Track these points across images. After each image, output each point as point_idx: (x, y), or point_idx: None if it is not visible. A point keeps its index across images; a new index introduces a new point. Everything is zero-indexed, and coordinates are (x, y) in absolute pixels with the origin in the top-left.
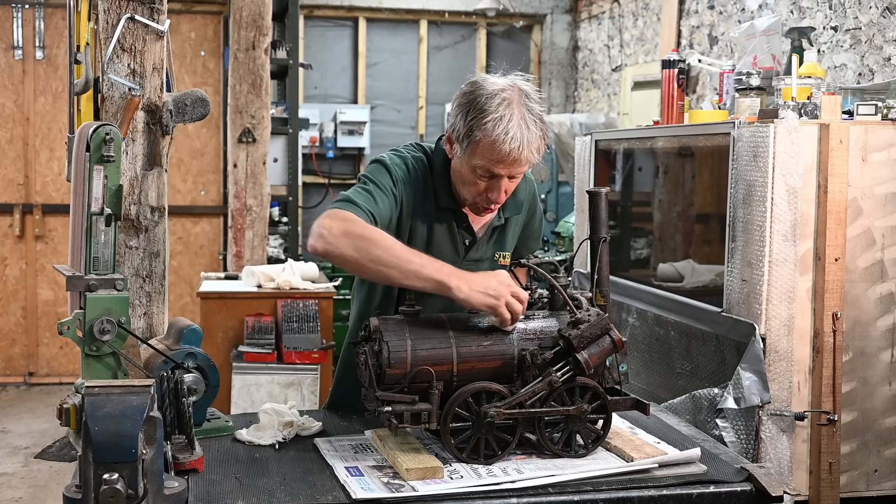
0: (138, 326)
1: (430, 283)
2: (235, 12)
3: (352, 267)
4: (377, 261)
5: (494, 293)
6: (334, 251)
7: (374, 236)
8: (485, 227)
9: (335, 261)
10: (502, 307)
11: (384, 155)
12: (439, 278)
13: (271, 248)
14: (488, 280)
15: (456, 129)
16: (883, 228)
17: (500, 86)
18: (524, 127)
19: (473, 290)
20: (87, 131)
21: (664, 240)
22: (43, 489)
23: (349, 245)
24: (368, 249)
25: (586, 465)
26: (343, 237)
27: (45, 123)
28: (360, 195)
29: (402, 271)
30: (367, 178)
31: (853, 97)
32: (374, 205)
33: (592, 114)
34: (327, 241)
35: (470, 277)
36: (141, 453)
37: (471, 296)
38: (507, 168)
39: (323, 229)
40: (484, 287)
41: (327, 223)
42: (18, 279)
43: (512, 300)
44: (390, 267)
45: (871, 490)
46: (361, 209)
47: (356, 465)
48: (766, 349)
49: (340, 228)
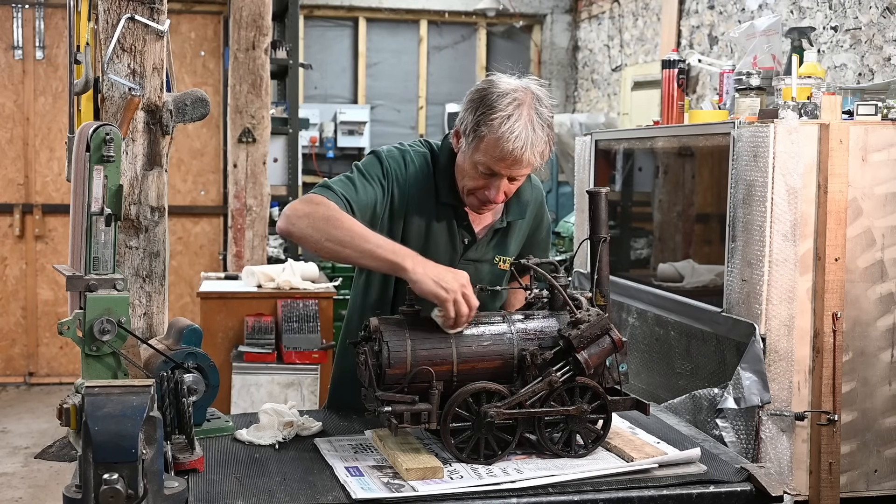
0: (138, 326)
1: (385, 264)
2: (235, 12)
3: (313, 247)
4: (335, 240)
5: (446, 286)
6: (296, 231)
7: (336, 216)
8: (486, 229)
9: (298, 241)
10: (449, 303)
11: (383, 147)
12: (394, 259)
13: (271, 248)
14: (445, 273)
15: (464, 123)
16: (883, 228)
17: (514, 86)
18: (530, 129)
19: (427, 275)
20: (87, 131)
21: (664, 240)
22: (43, 489)
23: (309, 226)
24: (327, 230)
25: (586, 465)
26: (305, 218)
27: (45, 123)
28: (340, 182)
29: (357, 250)
30: (356, 166)
31: (853, 97)
32: (353, 192)
33: (592, 114)
34: (290, 222)
35: (428, 265)
36: (141, 453)
37: (423, 280)
38: (507, 167)
39: (290, 210)
40: (438, 277)
41: (295, 205)
42: (18, 279)
43: (460, 299)
44: (346, 246)
45: (871, 490)
46: (336, 194)
47: (356, 465)
48: (766, 349)
49: (305, 210)
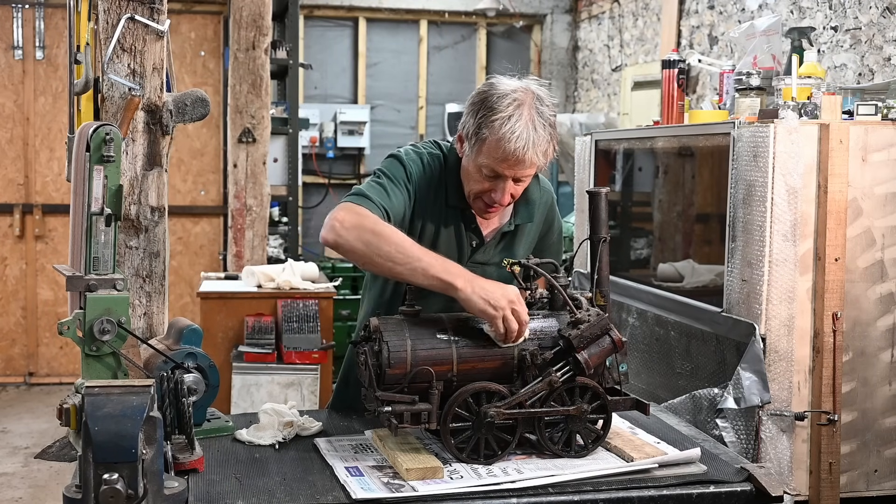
0: (138, 326)
1: (436, 282)
2: (235, 12)
3: (361, 261)
4: (386, 256)
5: (495, 303)
6: (345, 244)
7: (385, 232)
8: (494, 232)
9: (345, 254)
10: (499, 320)
11: (401, 149)
12: (446, 278)
13: (271, 248)
14: (495, 289)
15: (466, 128)
16: (883, 228)
17: (514, 87)
18: (531, 128)
19: (476, 294)
20: (87, 131)
21: (664, 240)
22: (43, 489)
23: (359, 239)
24: (378, 245)
25: (586, 465)
26: (354, 230)
27: (45, 123)
28: (373, 189)
29: (409, 268)
30: (382, 172)
31: (853, 97)
32: (388, 199)
33: (592, 114)
34: (338, 234)
35: (478, 282)
36: (141, 453)
37: (471, 299)
38: (511, 168)
39: (336, 222)
40: (487, 294)
41: (340, 216)
42: (18, 279)
43: (510, 317)
44: (398, 263)
45: (871, 490)
46: (375, 204)
47: (356, 465)
48: (766, 349)
49: (352, 222)
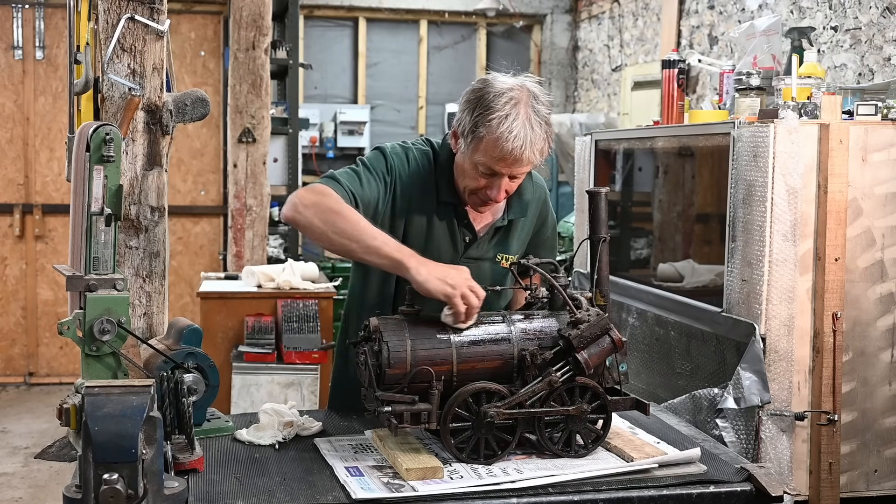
0: (138, 326)
1: (388, 261)
2: (235, 12)
3: (316, 237)
4: (341, 233)
5: (452, 282)
6: (302, 220)
7: (343, 211)
8: (487, 227)
9: (303, 229)
10: (457, 298)
11: (387, 144)
12: (398, 257)
13: (271, 248)
14: (448, 270)
15: (462, 125)
16: (883, 228)
17: (509, 85)
18: (528, 127)
19: (432, 275)
20: (87, 131)
21: (664, 240)
22: (43, 489)
23: (316, 216)
24: (334, 221)
25: (586, 465)
26: (312, 207)
27: (45, 123)
28: (346, 175)
29: (363, 245)
30: (361, 160)
31: (853, 97)
32: (359, 186)
33: (592, 114)
34: (297, 210)
35: (430, 264)
36: (141, 453)
37: (428, 280)
38: (508, 167)
39: (296, 198)
40: (442, 275)
41: (302, 193)
42: (18, 279)
43: (469, 293)
44: (352, 240)
45: (871, 490)
46: (343, 187)
47: (356, 465)
48: (766, 349)
49: (312, 199)
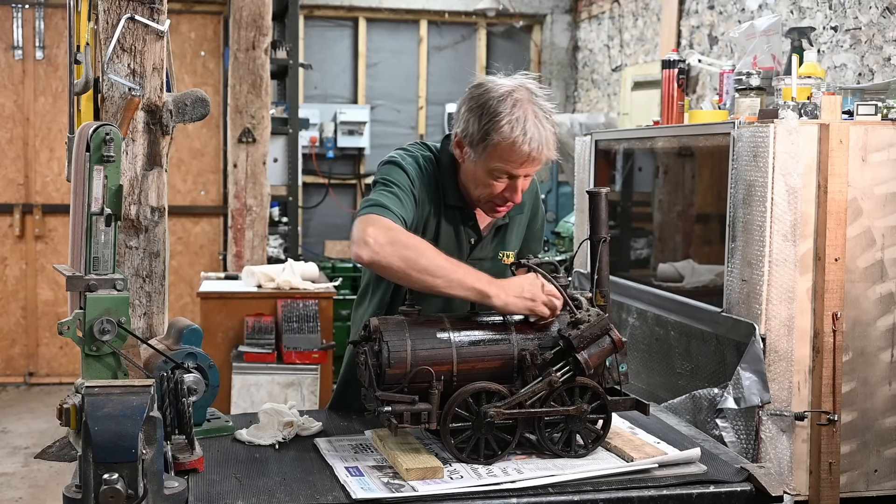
0: (138, 326)
1: (472, 293)
2: (235, 12)
3: (397, 276)
4: (423, 271)
5: (530, 295)
6: (382, 261)
7: (419, 246)
8: (489, 227)
9: (381, 270)
10: (540, 307)
11: (395, 155)
12: (480, 287)
13: (271, 248)
14: (521, 283)
15: (468, 134)
16: (883, 228)
17: (509, 87)
18: (539, 126)
19: (510, 296)
20: (87, 131)
21: (664, 240)
22: (43, 489)
23: (395, 255)
24: (415, 259)
25: (586, 465)
26: (389, 246)
27: (45, 123)
28: (389, 199)
29: (447, 281)
30: (388, 180)
31: (853, 97)
32: (403, 209)
33: (592, 114)
34: (374, 251)
35: (504, 284)
36: (141, 453)
37: (508, 302)
38: (524, 168)
39: (369, 238)
40: (518, 291)
41: (372, 231)
42: (18, 279)
43: (548, 298)
44: (437, 277)
45: (871, 490)
46: (395, 215)
47: (356, 465)
48: (766, 349)
49: (386, 238)
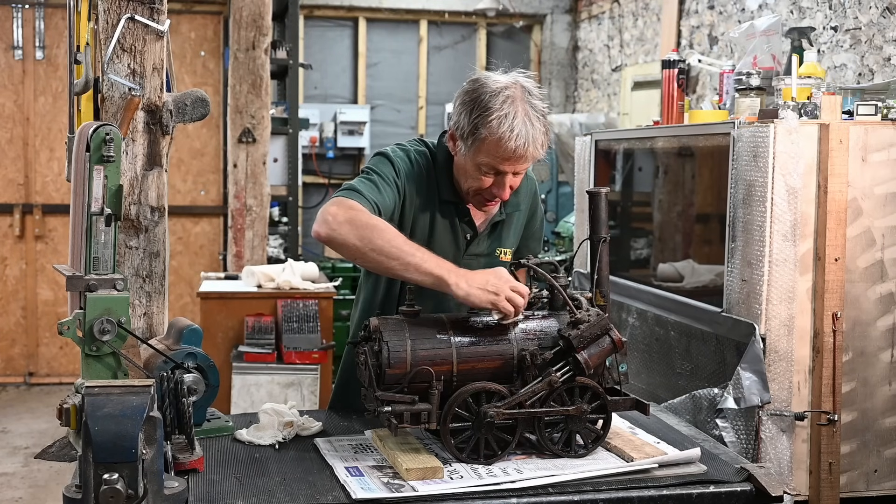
0: (138, 326)
1: (429, 278)
2: (235, 12)
3: (353, 255)
4: (379, 251)
5: (494, 288)
6: (338, 238)
7: (379, 226)
8: (485, 223)
9: (338, 248)
10: (503, 301)
11: (387, 148)
12: (439, 273)
13: (271, 248)
14: (486, 276)
15: (460, 127)
16: (883, 228)
17: (503, 83)
18: (528, 124)
19: (473, 286)
20: (87, 131)
21: (664, 240)
22: (43, 489)
23: (352, 233)
24: (371, 238)
25: (586, 465)
26: (347, 224)
27: (45, 123)
28: (364, 185)
29: (402, 263)
30: (371, 169)
31: (853, 97)
32: (379, 195)
33: (592, 114)
34: (331, 228)
35: (469, 275)
36: (141, 453)
37: (470, 292)
38: (512, 165)
39: (328, 216)
40: (483, 283)
41: (333, 210)
42: (18, 279)
43: (512, 294)
44: (392, 258)
45: (871, 490)
46: (366, 199)
47: (356, 465)
48: (766, 349)
49: (346, 216)
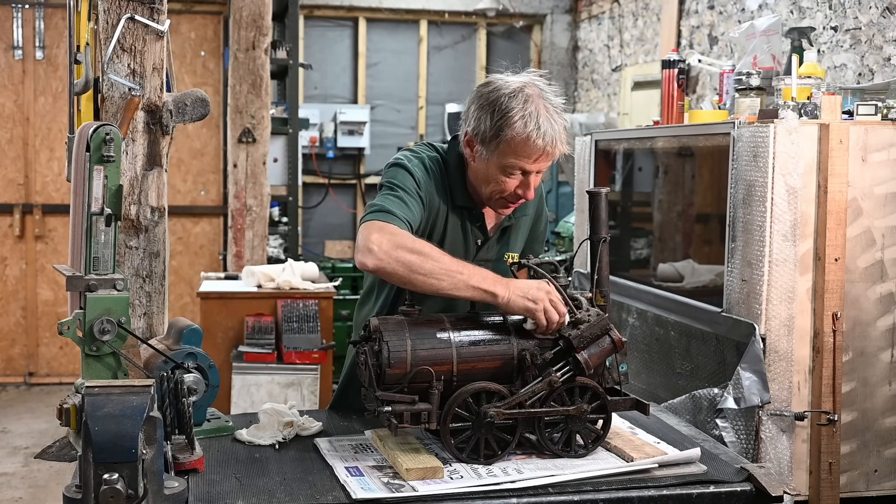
0: (138, 326)
1: (478, 293)
2: (235, 12)
3: (402, 281)
4: (428, 274)
5: (533, 298)
6: (387, 268)
7: (424, 249)
8: (495, 228)
9: (386, 276)
10: (539, 313)
11: (401, 157)
12: (486, 287)
13: (271, 248)
14: (528, 285)
15: (480, 131)
16: (883, 228)
17: (519, 84)
18: (552, 121)
19: (514, 294)
20: (87, 131)
21: (664, 240)
22: (43, 489)
23: (399, 260)
24: (420, 264)
25: (586, 465)
26: (393, 252)
27: (45, 123)
28: (393, 202)
29: (452, 283)
30: (393, 184)
31: (853, 97)
32: (409, 211)
33: (592, 114)
34: (378, 258)
35: (511, 284)
36: (141, 453)
37: (513, 300)
38: (537, 163)
39: (372, 245)
40: (524, 292)
41: (375, 238)
42: (18, 279)
43: (550, 308)
44: (441, 279)
45: (871, 490)
46: (400, 219)
47: (356, 465)
48: (766, 349)
49: (390, 243)
